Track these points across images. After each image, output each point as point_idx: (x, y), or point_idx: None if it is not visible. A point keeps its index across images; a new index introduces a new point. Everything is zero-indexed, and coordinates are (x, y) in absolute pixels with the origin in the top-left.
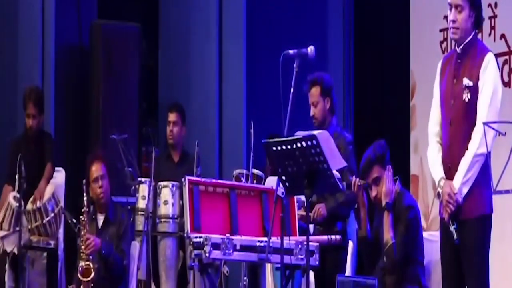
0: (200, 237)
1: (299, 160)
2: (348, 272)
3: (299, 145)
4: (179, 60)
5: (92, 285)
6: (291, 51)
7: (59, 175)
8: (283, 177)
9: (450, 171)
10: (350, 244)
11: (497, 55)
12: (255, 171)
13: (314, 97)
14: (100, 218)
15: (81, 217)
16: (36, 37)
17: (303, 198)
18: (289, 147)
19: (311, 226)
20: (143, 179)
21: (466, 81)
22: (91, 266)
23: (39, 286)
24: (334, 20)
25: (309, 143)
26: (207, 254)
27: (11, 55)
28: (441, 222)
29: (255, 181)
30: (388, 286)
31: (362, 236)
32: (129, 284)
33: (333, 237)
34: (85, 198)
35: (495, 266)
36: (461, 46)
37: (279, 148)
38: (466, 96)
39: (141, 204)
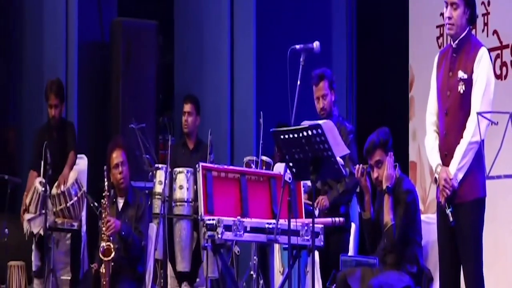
0: (213, 219)
1: (305, 147)
2: (350, 252)
3: (305, 133)
4: (193, 55)
5: (112, 264)
6: (298, 46)
7: (82, 162)
8: (290, 164)
9: (446, 158)
10: (353, 226)
11: (489, 50)
12: (264, 158)
13: (323, 90)
14: (120, 202)
15: (102, 200)
16: (60, 34)
17: (309, 183)
18: (296, 135)
19: (316, 209)
20: (160, 166)
21: (461, 74)
22: (112, 246)
23: (63, 264)
24: (338, 18)
25: (314, 131)
26: (219, 235)
27: (37, 51)
28: (438, 206)
29: (264, 167)
30: (389, 266)
31: (366, 218)
32: (147, 263)
33: (337, 219)
34: (106, 183)
35: (488, 246)
36: (456, 41)
37: (286, 136)
38: (461, 88)
39: (158, 188)
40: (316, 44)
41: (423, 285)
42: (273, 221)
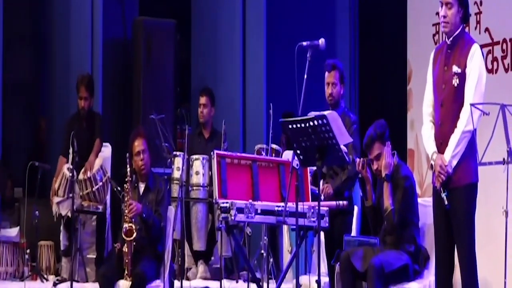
0: (227, 202)
1: (312, 136)
2: (353, 233)
3: (311, 123)
4: (208, 52)
5: (134, 243)
6: (304, 43)
7: (107, 149)
8: (298, 151)
9: (441, 146)
10: (356, 208)
11: (482, 46)
12: (274, 146)
13: (334, 78)
14: (141, 186)
15: (125, 185)
16: (86, 32)
17: (315, 169)
18: (303, 125)
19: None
20: (178, 153)
21: (455, 68)
22: (134, 227)
23: (89, 244)
24: (342, 17)
25: (320, 122)
26: (232, 217)
27: (65, 48)
28: (433, 190)
29: (273, 155)
30: (388, 245)
31: (368, 205)
32: (166, 243)
33: (340, 202)
34: (128, 169)
35: (480, 227)
36: (451, 38)
37: (294, 126)
38: (455, 81)
39: (176, 174)
40: (321, 41)
41: (420, 263)
42: (282, 204)
